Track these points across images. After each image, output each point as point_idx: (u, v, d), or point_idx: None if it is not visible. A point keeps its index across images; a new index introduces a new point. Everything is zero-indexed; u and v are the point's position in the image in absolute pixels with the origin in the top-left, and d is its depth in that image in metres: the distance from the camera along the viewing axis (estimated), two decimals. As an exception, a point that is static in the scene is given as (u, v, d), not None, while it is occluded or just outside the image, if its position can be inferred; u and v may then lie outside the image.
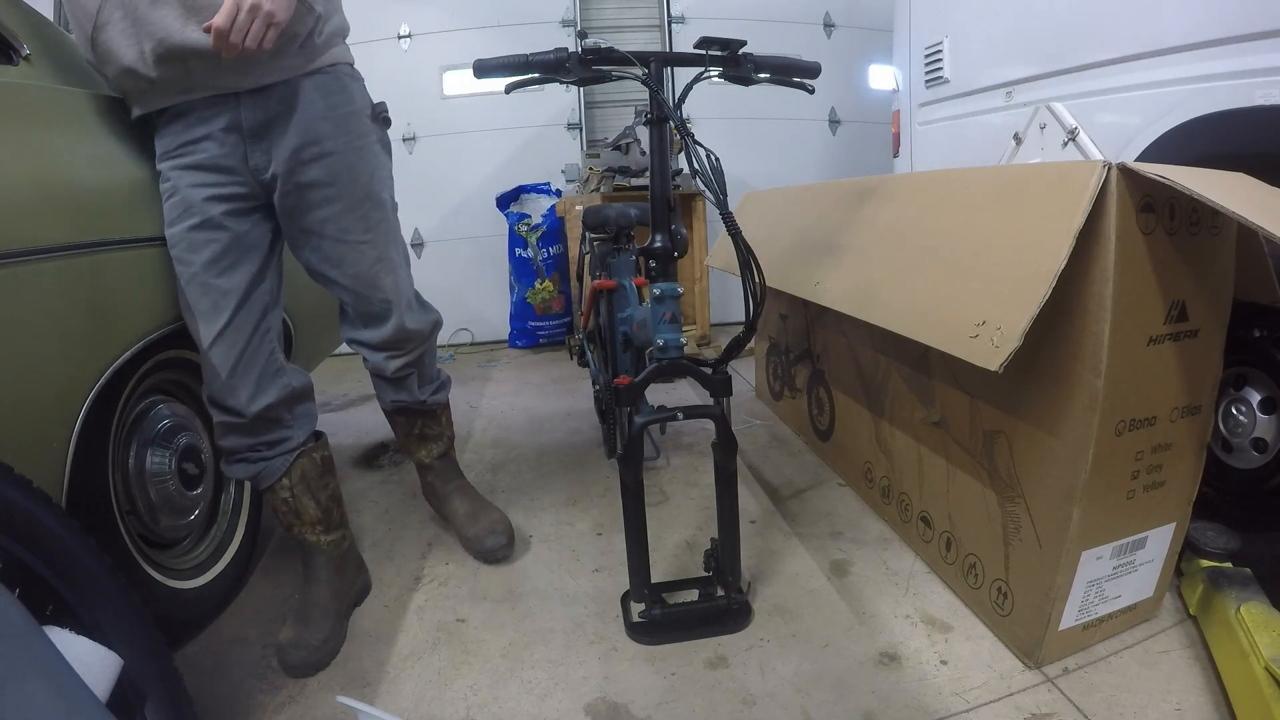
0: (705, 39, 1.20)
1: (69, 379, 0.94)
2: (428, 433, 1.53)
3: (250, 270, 1.15)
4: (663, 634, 1.20)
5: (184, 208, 1.10)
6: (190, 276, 1.10)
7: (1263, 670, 0.89)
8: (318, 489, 1.26)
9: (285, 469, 1.22)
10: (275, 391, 1.18)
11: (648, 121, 1.20)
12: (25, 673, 0.57)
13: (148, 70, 1.03)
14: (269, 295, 1.20)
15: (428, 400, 1.48)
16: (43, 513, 0.70)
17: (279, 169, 1.14)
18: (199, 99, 1.09)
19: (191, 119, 1.10)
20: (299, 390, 1.24)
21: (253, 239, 1.17)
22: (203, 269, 1.11)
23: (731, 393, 1.21)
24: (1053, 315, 0.92)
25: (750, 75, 1.23)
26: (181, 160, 1.11)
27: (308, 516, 1.26)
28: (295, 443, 1.24)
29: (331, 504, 1.30)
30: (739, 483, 1.22)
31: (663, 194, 1.20)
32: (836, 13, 4.05)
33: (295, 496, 1.24)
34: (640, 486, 1.19)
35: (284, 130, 1.13)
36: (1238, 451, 1.37)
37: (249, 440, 1.20)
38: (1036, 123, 1.85)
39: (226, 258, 1.12)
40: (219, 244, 1.12)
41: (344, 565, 1.32)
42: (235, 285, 1.13)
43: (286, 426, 1.23)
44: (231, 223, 1.13)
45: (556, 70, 1.15)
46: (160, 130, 1.13)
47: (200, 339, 1.12)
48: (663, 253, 1.22)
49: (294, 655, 1.15)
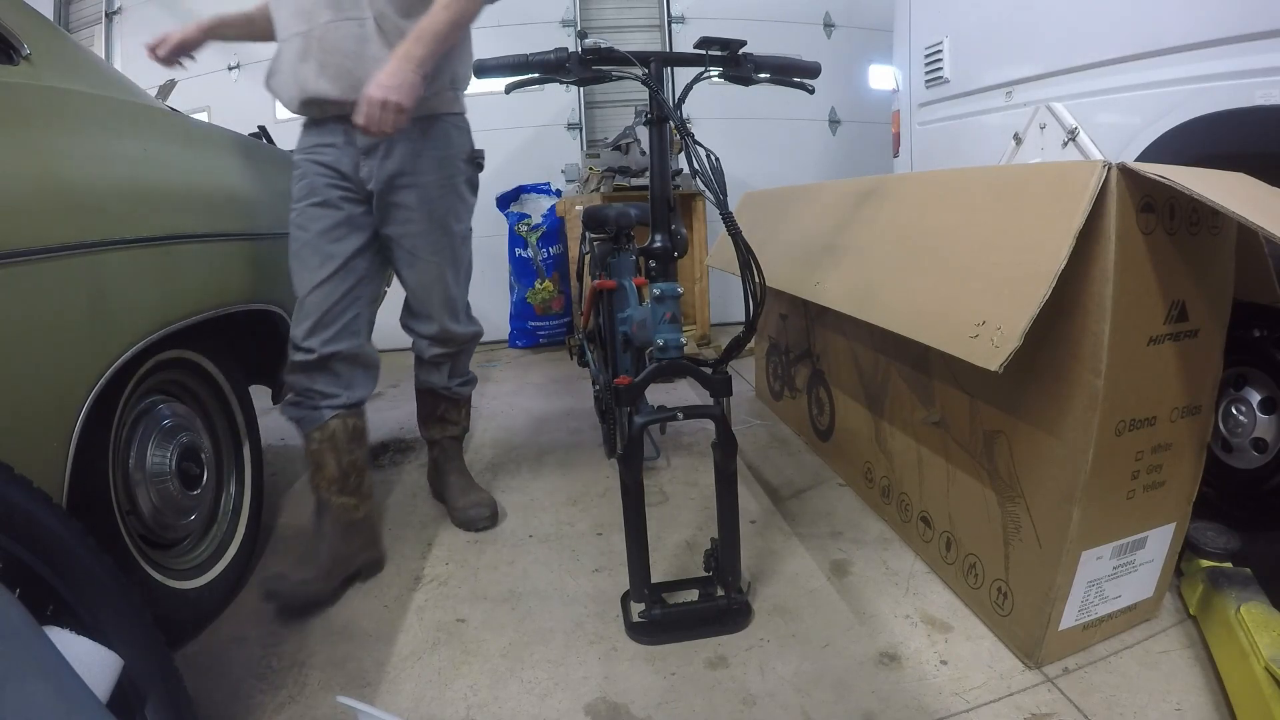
0: (705, 39, 1.20)
1: (69, 379, 0.94)
2: (447, 417, 1.72)
3: (355, 245, 1.39)
4: (663, 634, 1.20)
5: (309, 190, 1.37)
6: (305, 241, 1.36)
7: (1263, 670, 0.89)
8: (342, 451, 1.40)
9: (321, 423, 1.38)
10: (345, 343, 1.38)
11: (648, 121, 1.21)
12: (25, 673, 0.57)
13: (295, 107, 1.37)
14: (365, 271, 1.42)
15: (453, 389, 1.68)
16: (43, 513, 0.70)
17: (377, 186, 1.38)
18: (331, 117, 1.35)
19: (324, 129, 1.37)
20: (364, 356, 1.44)
21: (361, 222, 1.41)
22: (316, 236, 1.36)
23: (731, 393, 1.21)
24: (1053, 315, 0.92)
25: (750, 75, 1.23)
26: (312, 156, 1.38)
27: (327, 473, 1.39)
28: (340, 402, 1.40)
29: (351, 470, 1.42)
30: (739, 483, 1.22)
31: (663, 194, 1.21)
32: (836, 13, 4.06)
33: (321, 451, 1.39)
34: (640, 486, 1.20)
35: (388, 157, 1.37)
36: (1238, 451, 1.37)
37: (307, 383, 1.38)
38: (1036, 123, 1.85)
39: (337, 230, 1.37)
40: (331, 219, 1.37)
41: (351, 533, 1.41)
42: (340, 251, 1.37)
43: (342, 385, 1.41)
44: (345, 205, 1.39)
45: (556, 70, 1.16)
46: (304, 131, 1.41)
47: (301, 288, 1.36)
48: (663, 253, 1.23)
49: (270, 582, 1.29)
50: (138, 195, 1.11)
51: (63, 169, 0.97)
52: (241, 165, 1.51)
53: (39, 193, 0.91)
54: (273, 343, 1.60)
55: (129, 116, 1.20)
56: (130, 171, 1.12)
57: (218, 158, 1.44)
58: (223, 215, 1.37)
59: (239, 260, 1.40)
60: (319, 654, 1.21)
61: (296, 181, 1.39)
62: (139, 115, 1.24)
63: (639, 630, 1.22)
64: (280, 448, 2.35)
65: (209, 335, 1.38)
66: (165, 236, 1.15)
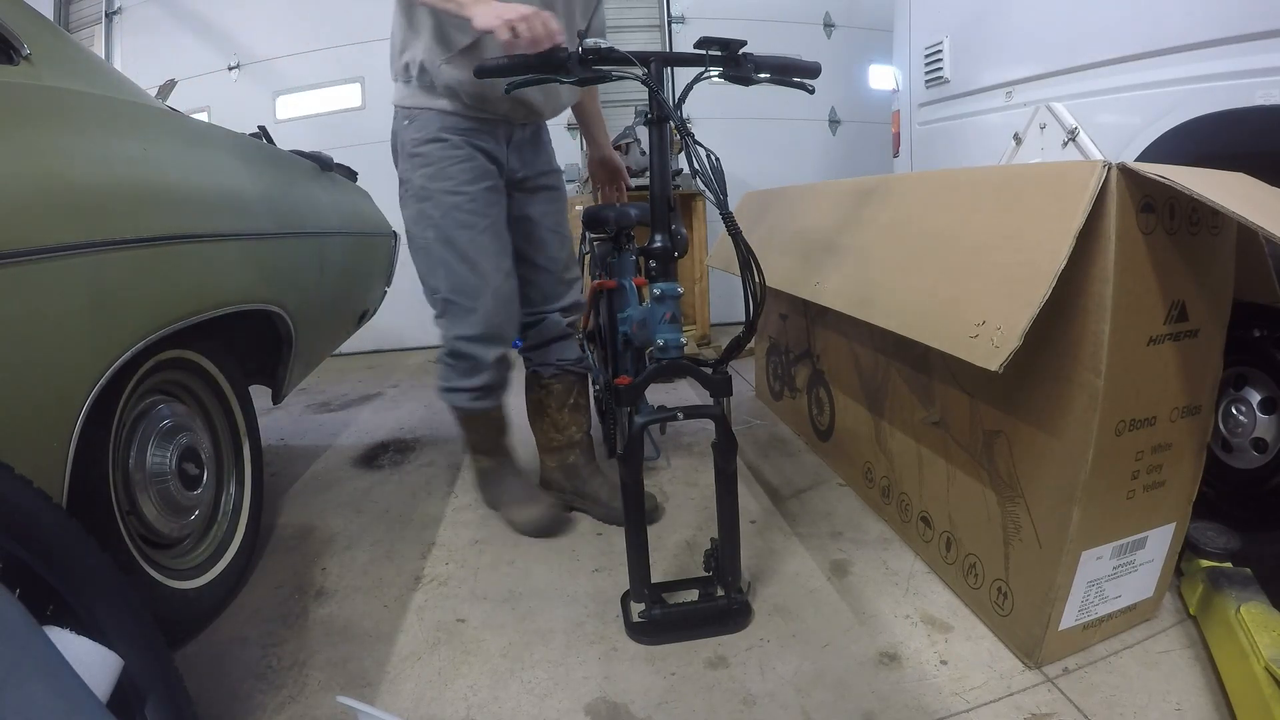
0: (705, 39, 1.20)
1: (70, 379, 0.94)
2: (580, 401, 1.71)
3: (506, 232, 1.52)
4: (663, 634, 1.21)
5: (479, 173, 1.43)
6: (486, 226, 1.43)
7: (1263, 670, 0.89)
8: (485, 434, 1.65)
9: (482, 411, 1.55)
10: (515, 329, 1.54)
11: (648, 121, 1.21)
12: (25, 673, 0.57)
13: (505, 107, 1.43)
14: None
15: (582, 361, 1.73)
16: (43, 513, 0.70)
17: (528, 172, 1.55)
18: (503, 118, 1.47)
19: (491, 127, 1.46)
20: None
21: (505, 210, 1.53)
22: (495, 220, 1.45)
23: (731, 393, 1.22)
24: (1053, 315, 0.92)
25: (750, 75, 1.23)
26: (476, 141, 1.43)
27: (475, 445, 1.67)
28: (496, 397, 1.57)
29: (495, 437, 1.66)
30: (739, 483, 1.22)
31: (663, 194, 1.21)
32: (836, 13, 4.06)
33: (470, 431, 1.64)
34: (641, 486, 1.20)
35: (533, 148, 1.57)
36: (1238, 451, 1.36)
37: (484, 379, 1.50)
38: (1036, 123, 1.85)
39: (504, 218, 1.49)
40: (501, 206, 1.49)
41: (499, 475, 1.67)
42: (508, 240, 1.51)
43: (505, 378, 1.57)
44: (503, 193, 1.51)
45: (557, 70, 1.16)
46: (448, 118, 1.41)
47: (486, 274, 1.42)
48: (663, 253, 1.23)
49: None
50: (138, 195, 1.11)
51: (63, 169, 0.97)
52: (241, 165, 1.51)
53: (39, 193, 0.91)
54: (273, 343, 1.60)
55: (129, 116, 1.20)
56: (130, 171, 1.12)
57: (218, 158, 1.44)
58: (223, 215, 1.36)
59: (239, 260, 1.40)
60: (319, 654, 1.21)
61: (457, 162, 1.40)
62: (139, 115, 1.24)
63: (639, 630, 1.22)
64: (280, 448, 2.35)
65: (209, 335, 1.38)
66: (165, 236, 1.15)
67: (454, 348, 1.47)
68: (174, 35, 3.80)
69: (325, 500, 1.88)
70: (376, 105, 3.91)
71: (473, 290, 1.42)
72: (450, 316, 1.45)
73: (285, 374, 1.65)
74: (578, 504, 1.70)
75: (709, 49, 1.21)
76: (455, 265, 1.41)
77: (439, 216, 1.40)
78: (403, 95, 1.44)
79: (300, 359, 1.70)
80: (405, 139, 1.43)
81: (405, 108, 1.43)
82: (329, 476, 2.06)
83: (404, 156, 1.44)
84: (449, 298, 1.44)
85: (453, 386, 1.52)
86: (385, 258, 2.33)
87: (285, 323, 1.53)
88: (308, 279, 1.67)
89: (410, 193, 1.43)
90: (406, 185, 1.44)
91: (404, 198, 1.46)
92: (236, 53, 3.83)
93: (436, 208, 1.40)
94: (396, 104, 1.46)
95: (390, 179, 1.52)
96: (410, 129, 1.42)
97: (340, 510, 1.80)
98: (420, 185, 1.41)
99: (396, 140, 1.47)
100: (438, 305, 1.47)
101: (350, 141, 3.68)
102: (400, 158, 1.46)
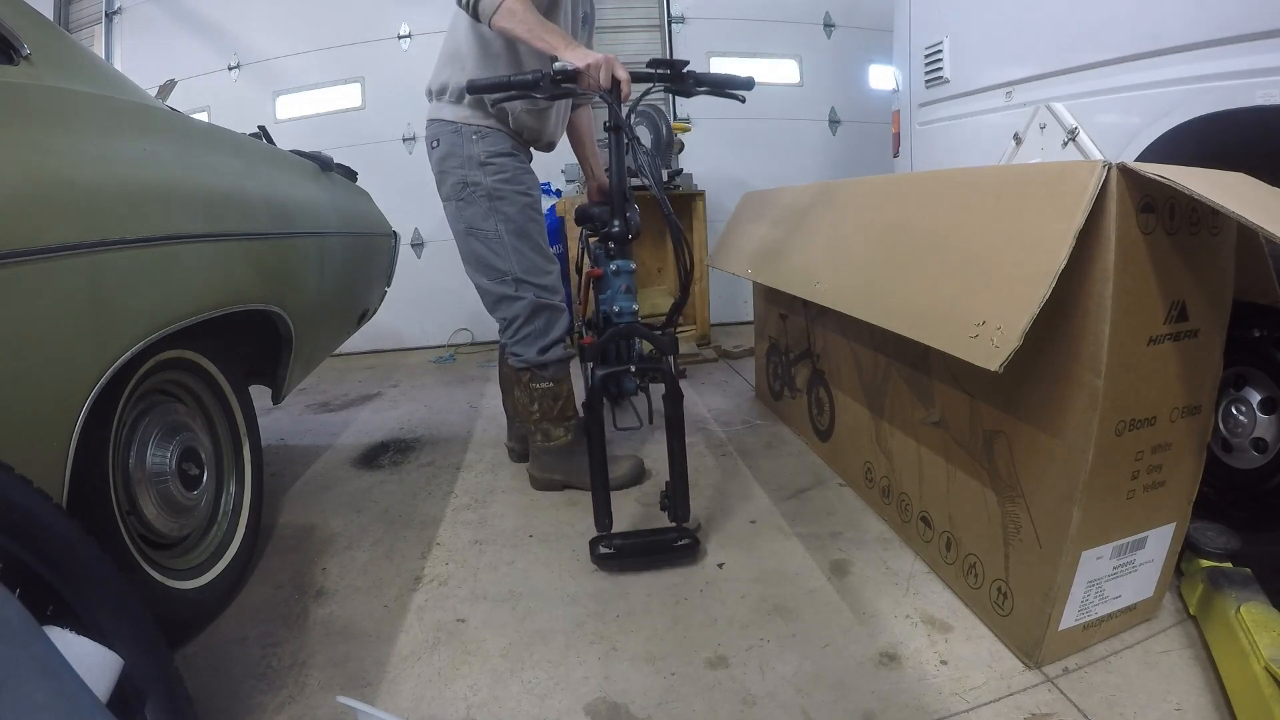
0: (655, 60, 1.48)
1: (70, 379, 0.94)
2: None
3: None
4: (625, 560, 1.40)
5: (535, 183, 1.75)
6: (542, 230, 1.72)
7: (1263, 670, 0.89)
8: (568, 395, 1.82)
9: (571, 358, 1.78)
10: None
11: (606, 128, 1.43)
12: (25, 673, 0.57)
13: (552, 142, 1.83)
14: None
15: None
16: (43, 513, 0.70)
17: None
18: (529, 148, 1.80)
19: (526, 155, 1.77)
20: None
21: None
22: (543, 223, 1.73)
23: (678, 351, 1.43)
24: (1053, 315, 0.92)
25: (691, 89, 1.49)
26: (523, 165, 1.72)
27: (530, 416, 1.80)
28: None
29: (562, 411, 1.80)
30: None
31: (619, 186, 1.47)
32: (836, 13, 4.05)
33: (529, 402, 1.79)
34: (602, 431, 1.38)
35: None
36: (1238, 451, 1.36)
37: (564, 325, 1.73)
38: (1036, 123, 1.85)
39: None
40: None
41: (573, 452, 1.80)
42: None
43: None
44: None
45: (532, 88, 1.37)
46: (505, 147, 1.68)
47: (550, 258, 1.72)
48: (619, 235, 1.52)
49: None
50: (138, 195, 1.11)
51: (63, 169, 0.97)
52: (241, 165, 1.51)
53: (39, 193, 0.91)
54: (273, 343, 1.60)
55: (129, 116, 1.21)
56: (130, 171, 1.12)
57: (218, 157, 1.44)
58: (223, 215, 1.37)
59: (239, 260, 1.40)
60: (319, 654, 1.21)
61: (525, 172, 1.72)
62: (139, 115, 1.24)
63: (604, 560, 1.40)
64: (280, 448, 2.35)
65: (209, 335, 1.38)
66: (165, 236, 1.15)
67: (536, 303, 1.67)
68: (174, 35, 3.80)
69: (325, 500, 1.88)
70: (376, 105, 3.91)
71: (543, 269, 1.69)
72: (525, 287, 1.67)
73: (285, 374, 1.65)
74: (574, 481, 1.84)
75: (658, 68, 1.47)
76: (528, 252, 1.67)
77: (514, 213, 1.66)
78: (468, 115, 1.66)
79: (300, 359, 1.70)
80: (476, 150, 1.65)
81: (474, 125, 1.66)
82: (329, 476, 2.06)
83: (474, 164, 1.65)
84: (522, 277, 1.66)
85: (543, 345, 1.71)
86: (385, 258, 2.33)
87: (285, 323, 1.53)
88: (308, 279, 1.67)
89: (480, 194, 1.65)
90: (474, 188, 1.65)
91: (468, 198, 1.66)
92: (236, 53, 3.83)
93: (511, 205, 1.65)
94: (461, 120, 1.66)
95: (390, 179, 1.54)
96: (483, 143, 1.66)
97: (340, 510, 1.80)
98: (493, 186, 1.64)
99: (460, 149, 1.66)
100: (509, 285, 1.67)
101: (350, 141, 3.68)
102: (467, 165, 1.65)
